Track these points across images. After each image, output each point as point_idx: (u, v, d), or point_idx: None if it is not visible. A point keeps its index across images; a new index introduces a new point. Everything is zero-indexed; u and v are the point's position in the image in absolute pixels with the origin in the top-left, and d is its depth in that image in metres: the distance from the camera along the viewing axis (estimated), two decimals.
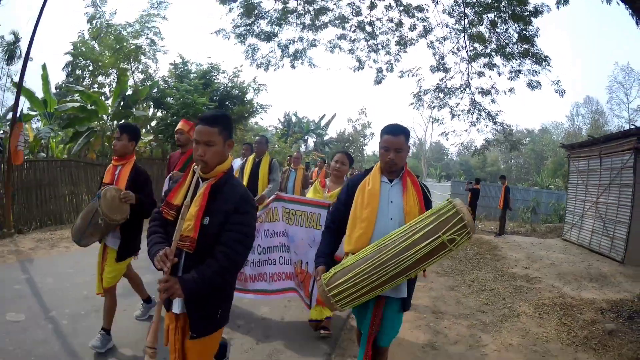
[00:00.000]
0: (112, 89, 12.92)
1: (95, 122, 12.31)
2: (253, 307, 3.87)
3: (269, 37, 8.65)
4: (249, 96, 13.60)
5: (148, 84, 13.15)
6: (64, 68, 18.69)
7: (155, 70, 13.51)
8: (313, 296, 3.12)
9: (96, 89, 13.35)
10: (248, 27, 8.56)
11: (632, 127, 8.86)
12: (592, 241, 8.37)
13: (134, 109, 12.19)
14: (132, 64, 12.18)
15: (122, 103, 12.42)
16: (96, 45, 13.19)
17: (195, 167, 1.76)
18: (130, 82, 12.83)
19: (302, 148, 20.17)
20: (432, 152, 45.66)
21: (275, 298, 3.53)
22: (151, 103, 13.55)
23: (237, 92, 13.07)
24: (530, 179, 38.54)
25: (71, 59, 15.88)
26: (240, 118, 13.30)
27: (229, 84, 13.27)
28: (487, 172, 44.60)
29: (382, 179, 2.12)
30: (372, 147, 49.66)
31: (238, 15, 8.30)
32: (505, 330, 3.91)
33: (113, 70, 13.02)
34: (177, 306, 1.73)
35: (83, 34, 15.04)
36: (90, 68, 16.34)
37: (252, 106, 13.41)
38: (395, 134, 2.07)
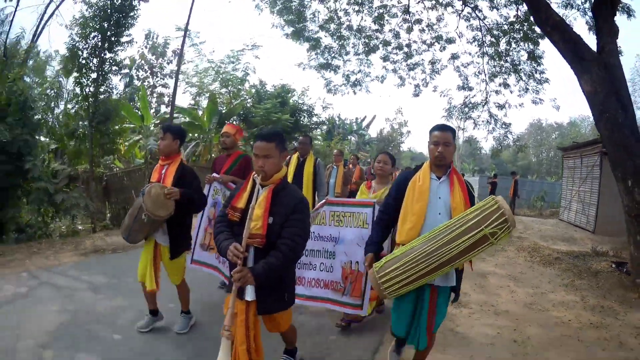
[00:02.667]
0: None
1: (196, 134, 15.99)
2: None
3: (335, 69, 11.61)
4: (316, 111, 17.10)
5: (234, 102, 16.94)
6: (121, 79, 21.99)
7: (241, 91, 17.45)
8: (366, 294, 3.18)
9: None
10: (323, 65, 11.54)
11: (598, 136, 11.73)
12: (575, 219, 11.47)
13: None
14: (229, 89, 16.13)
15: (218, 119, 16.24)
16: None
17: (255, 176, 2.04)
18: (219, 101, 16.64)
19: (347, 148, 23.34)
20: (465, 149, 47.55)
21: (310, 305, 3.51)
22: (235, 118, 17.45)
23: (306, 107, 16.59)
24: (560, 172, 39.69)
25: (127, 70, 19.78)
26: (308, 129, 16.94)
27: (299, 102, 16.67)
28: (518, 165, 45.54)
29: (432, 176, 2.28)
30: (407, 144, 51.84)
31: (308, 50, 10.99)
32: (496, 256, 7.37)
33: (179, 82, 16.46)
34: (249, 294, 1.97)
35: (142, 49, 18.99)
36: (151, 81, 20.55)
37: (319, 119, 17.06)
38: (443, 130, 2.28)
